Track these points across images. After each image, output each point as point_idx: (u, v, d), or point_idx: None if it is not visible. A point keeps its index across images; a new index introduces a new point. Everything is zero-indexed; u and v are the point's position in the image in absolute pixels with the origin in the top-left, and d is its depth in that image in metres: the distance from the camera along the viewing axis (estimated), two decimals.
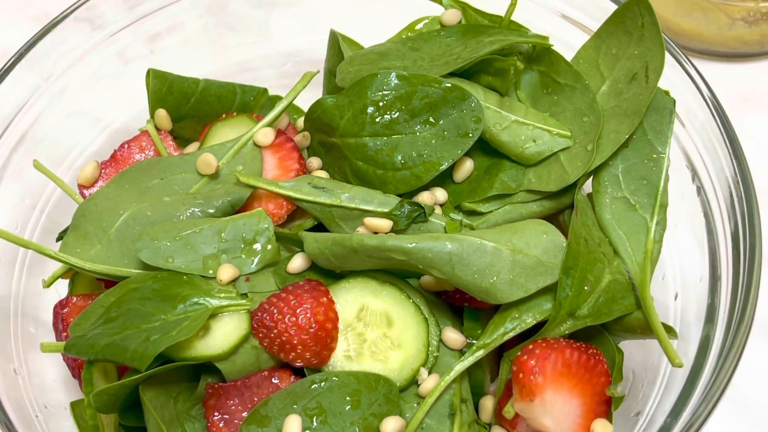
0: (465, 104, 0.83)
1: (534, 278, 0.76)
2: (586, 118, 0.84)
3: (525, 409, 0.74)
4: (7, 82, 0.93)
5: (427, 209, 0.82)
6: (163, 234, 0.81)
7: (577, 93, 0.86)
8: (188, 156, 0.91)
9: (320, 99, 0.88)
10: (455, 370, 0.77)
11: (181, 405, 0.78)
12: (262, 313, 0.76)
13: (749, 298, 0.75)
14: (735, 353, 0.73)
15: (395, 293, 0.80)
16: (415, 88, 0.83)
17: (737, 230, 0.81)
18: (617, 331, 0.81)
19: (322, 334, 0.75)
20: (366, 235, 0.77)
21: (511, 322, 0.77)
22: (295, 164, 0.90)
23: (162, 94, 0.98)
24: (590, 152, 0.81)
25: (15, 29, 1.30)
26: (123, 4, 1.02)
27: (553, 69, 0.88)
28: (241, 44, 1.12)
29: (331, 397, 0.74)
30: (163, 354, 0.73)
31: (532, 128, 0.85)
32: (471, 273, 0.74)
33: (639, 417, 0.84)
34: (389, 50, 0.91)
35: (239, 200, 0.85)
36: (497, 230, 0.78)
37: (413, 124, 0.84)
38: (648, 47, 0.82)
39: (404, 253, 0.74)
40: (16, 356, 0.90)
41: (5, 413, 0.80)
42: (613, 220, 0.81)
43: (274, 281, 0.81)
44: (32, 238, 0.97)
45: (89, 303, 0.82)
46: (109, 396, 0.76)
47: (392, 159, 0.84)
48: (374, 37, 0.96)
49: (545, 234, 0.77)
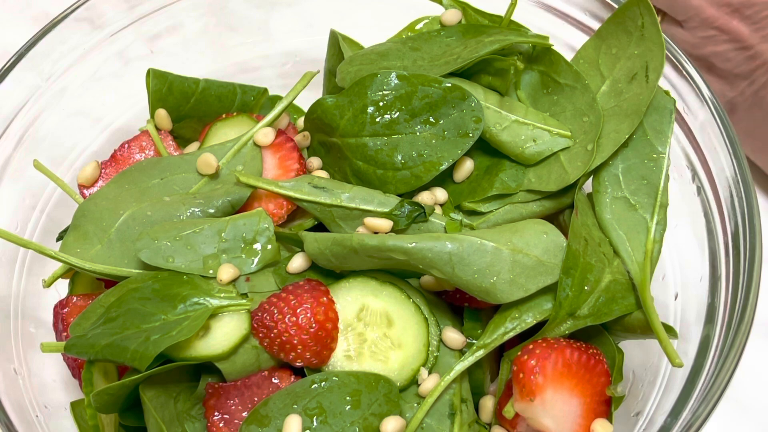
0: (465, 104, 0.83)
1: (534, 278, 0.76)
2: (586, 118, 0.84)
3: (525, 409, 0.74)
4: (7, 82, 0.93)
5: (427, 209, 0.82)
6: (163, 234, 0.81)
7: (577, 93, 0.86)
8: (188, 156, 0.91)
9: (320, 99, 0.88)
10: (455, 370, 0.77)
11: (181, 405, 0.78)
12: (262, 312, 0.76)
13: (749, 298, 0.75)
14: (735, 353, 0.73)
15: (395, 293, 0.80)
16: (415, 88, 0.83)
17: (737, 230, 0.81)
18: (617, 331, 0.81)
19: (322, 333, 0.75)
20: (366, 235, 0.77)
21: (511, 322, 0.77)
22: (295, 164, 0.90)
23: (162, 94, 0.98)
24: (590, 152, 0.81)
25: (15, 29, 1.30)
26: (123, 4, 1.02)
27: (553, 69, 0.88)
28: (241, 44, 1.12)
29: (331, 397, 0.74)
30: (163, 354, 0.73)
31: (532, 128, 0.85)
32: (471, 273, 0.74)
33: (639, 417, 0.84)
34: (389, 50, 0.91)
35: (239, 200, 0.85)
36: (497, 230, 0.78)
37: (413, 124, 0.84)
38: (648, 47, 0.82)
39: (404, 253, 0.74)
40: (16, 356, 0.90)
41: (5, 413, 0.79)
42: (614, 220, 0.81)
43: (274, 281, 0.81)
44: (32, 238, 0.97)
45: (89, 303, 0.82)
46: (109, 396, 0.76)
47: (392, 159, 0.84)
48: (374, 37, 0.96)
49: (545, 234, 0.77)
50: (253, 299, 0.78)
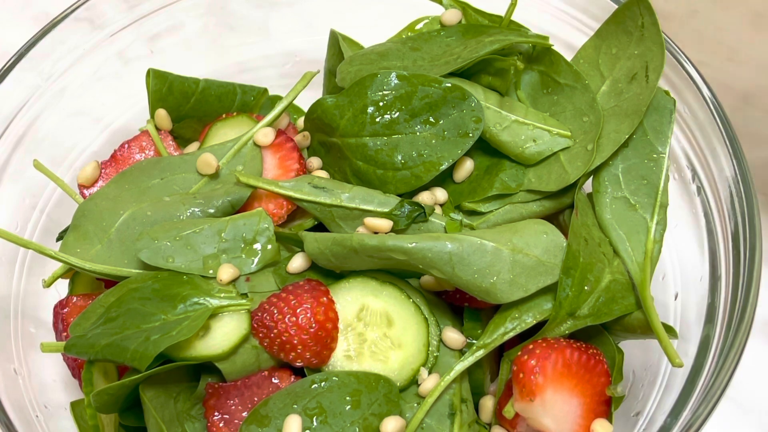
0: (465, 104, 0.83)
1: (534, 278, 0.76)
2: (587, 118, 0.84)
3: (525, 409, 0.74)
4: (7, 82, 0.93)
5: (427, 209, 0.82)
6: (163, 234, 0.81)
7: (577, 93, 0.86)
8: (188, 156, 0.91)
9: (320, 99, 0.88)
10: (455, 370, 0.77)
11: (181, 405, 0.78)
12: (262, 312, 0.76)
13: (749, 298, 0.75)
14: (735, 353, 0.73)
15: (395, 293, 0.80)
16: (415, 88, 0.83)
17: (737, 230, 0.81)
18: (617, 331, 0.81)
19: (322, 334, 0.75)
20: (366, 235, 0.77)
21: (511, 322, 0.77)
22: (296, 164, 0.90)
23: (162, 94, 0.98)
24: (590, 152, 0.81)
25: (15, 29, 1.30)
26: (123, 4, 1.02)
27: (553, 69, 0.88)
28: (241, 44, 1.12)
29: (331, 397, 0.74)
30: (164, 354, 0.73)
31: (532, 128, 0.85)
32: (471, 273, 0.74)
33: (639, 417, 0.84)
34: (389, 50, 0.91)
35: (239, 200, 0.85)
36: (497, 230, 0.78)
37: (413, 124, 0.84)
38: (648, 47, 0.82)
39: (404, 253, 0.74)
40: (16, 356, 0.90)
41: (5, 413, 0.79)
42: (614, 220, 0.81)
43: (274, 281, 0.81)
44: (32, 238, 0.97)
45: (89, 303, 0.82)
46: (109, 396, 0.76)
47: (392, 159, 0.84)
48: (374, 37, 0.96)
49: (545, 234, 0.77)
50: (253, 299, 0.78)
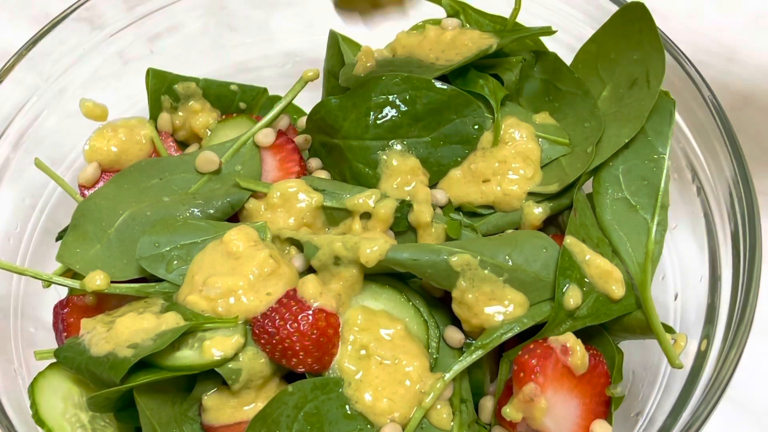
0: (467, 110, 0.83)
1: (531, 293, 0.76)
2: (588, 124, 0.84)
3: (525, 409, 0.74)
4: (7, 82, 0.93)
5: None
6: (164, 236, 0.81)
7: (578, 99, 0.86)
8: (188, 156, 0.91)
9: (324, 99, 0.88)
10: (453, 369, 0.77)
11: (179, 407, 0.77)
12: (264, 319, 0.75)
13: (749, 298, 0.75)
14: (735, 353, 0.73)
15: (395, 296, 0.80)
16: (418, 92, 0.84)
17: (737, 230, 0.81)
18: (617, 331, 0.81)
19: (323, 340, 0.74)
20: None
21: (510, 323, 0.77)
22: (296, 166, 0.90)
23: (162, 93, 0.98)
24: (590, 154, 0.81)
25: (15, 29, 1.30)
26: (123, 4, 1.02)
27: (555, 76, 0.88)
28: (241, 44, 1.12)
29: (331, 402, 0.74)
30: (156, 364, 0.73)
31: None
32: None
33: (639, 417, 0.84)
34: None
35: (239, 201, 0.85)
36: (496, 242, 0.78)
37: (416, 128, 0.84)
38: (648, 52, 0.82)
39: (403, 266, 0.75)
40: (16, 356, 0.90)
41: (5, 413, 0.79)
42: (614, 221, 0.81)
43: None
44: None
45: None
46: (106, 399, 0.76)
47: None
48: (374, 37, 0.96)
49: (545, 249, 0.77)
50: (238, 316, 0.77)
